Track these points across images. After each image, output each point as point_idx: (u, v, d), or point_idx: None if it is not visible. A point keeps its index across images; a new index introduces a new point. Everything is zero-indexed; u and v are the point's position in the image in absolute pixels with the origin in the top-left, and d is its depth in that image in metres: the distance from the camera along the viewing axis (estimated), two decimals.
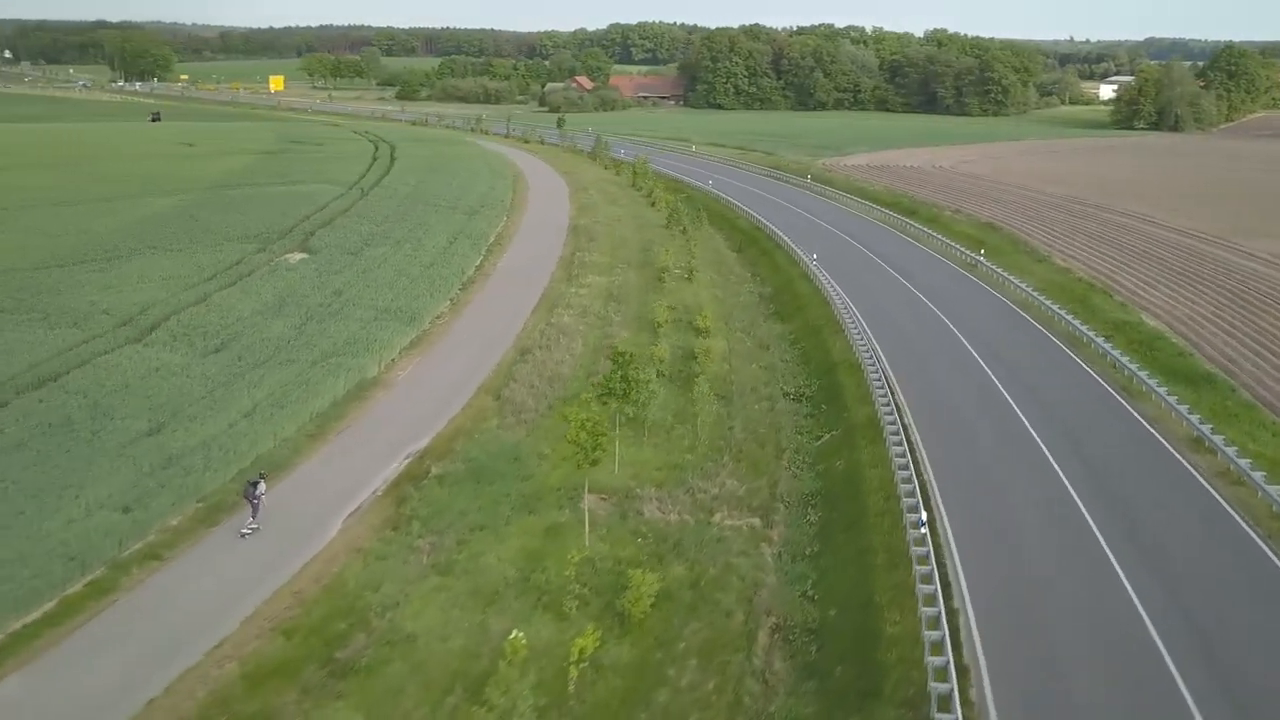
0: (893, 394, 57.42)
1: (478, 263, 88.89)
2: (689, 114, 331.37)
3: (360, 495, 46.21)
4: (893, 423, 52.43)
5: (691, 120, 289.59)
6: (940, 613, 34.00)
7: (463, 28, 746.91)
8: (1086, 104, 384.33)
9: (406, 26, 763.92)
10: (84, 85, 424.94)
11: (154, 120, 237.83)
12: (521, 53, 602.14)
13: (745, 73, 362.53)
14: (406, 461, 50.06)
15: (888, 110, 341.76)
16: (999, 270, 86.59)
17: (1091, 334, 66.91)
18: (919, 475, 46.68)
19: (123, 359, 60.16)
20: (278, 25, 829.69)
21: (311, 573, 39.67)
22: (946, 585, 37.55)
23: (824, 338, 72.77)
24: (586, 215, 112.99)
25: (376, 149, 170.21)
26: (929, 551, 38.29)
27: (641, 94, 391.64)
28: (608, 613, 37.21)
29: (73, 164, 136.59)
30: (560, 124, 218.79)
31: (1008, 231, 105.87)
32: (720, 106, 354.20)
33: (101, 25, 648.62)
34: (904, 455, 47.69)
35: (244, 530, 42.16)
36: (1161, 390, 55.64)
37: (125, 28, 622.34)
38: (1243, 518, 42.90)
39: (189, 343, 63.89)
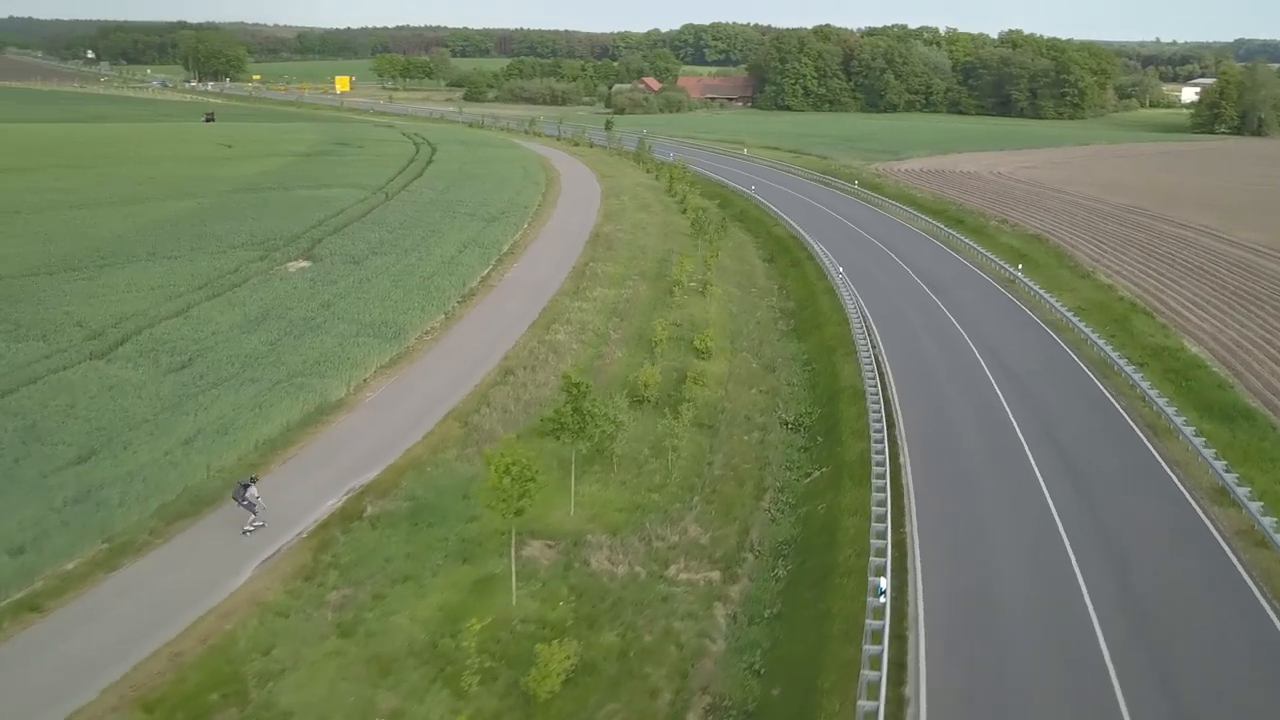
0: (890, 428, 52.42)
1: (484, 273, 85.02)
2: (755, 116, 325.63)
3: (282, 538, 42.27)
4: (880, 463, 47.38)
5: (755, 122, 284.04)
6: (879, 709, 29.04)
7: (536, 29, 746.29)
8: (1167, 107, 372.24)
9: (481, 27, 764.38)
10: (158, 85, 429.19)
11: (207, 120, 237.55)
12: (595, 54, 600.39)
13: (814, 74, 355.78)
14: (346, 498, 45.95)
15: (960, 113, 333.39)
16: (1036, 287, 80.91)
17: (1123, 362, 61.06)
18: (899, 529, 41.65)
19: (78, 376, 57.02)
20: (355, 26, 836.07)
21: (200, 630, 35.79)
22: (901, 667, 32.57)
23: (835, 359, 67.83)
24: (612, 222, 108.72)
25: (417, 151, 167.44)
26: (884, 627, 33.24)
27: (709, 95, 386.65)
28: (514, 691, 32.75)
29: (103, 165, 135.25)
30: (608, 126, 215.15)
31: (1054, 244, 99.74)
32: (789, 108, 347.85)
33: (183, 26, 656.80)
34: (883, 505, 42.61)
35: (247, 528, 42.10)
36: (1189, 430, 49.92)
37: (205, 28, 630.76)
38: (1259, 588, 37.29)
39: (154, 359, 60.65)
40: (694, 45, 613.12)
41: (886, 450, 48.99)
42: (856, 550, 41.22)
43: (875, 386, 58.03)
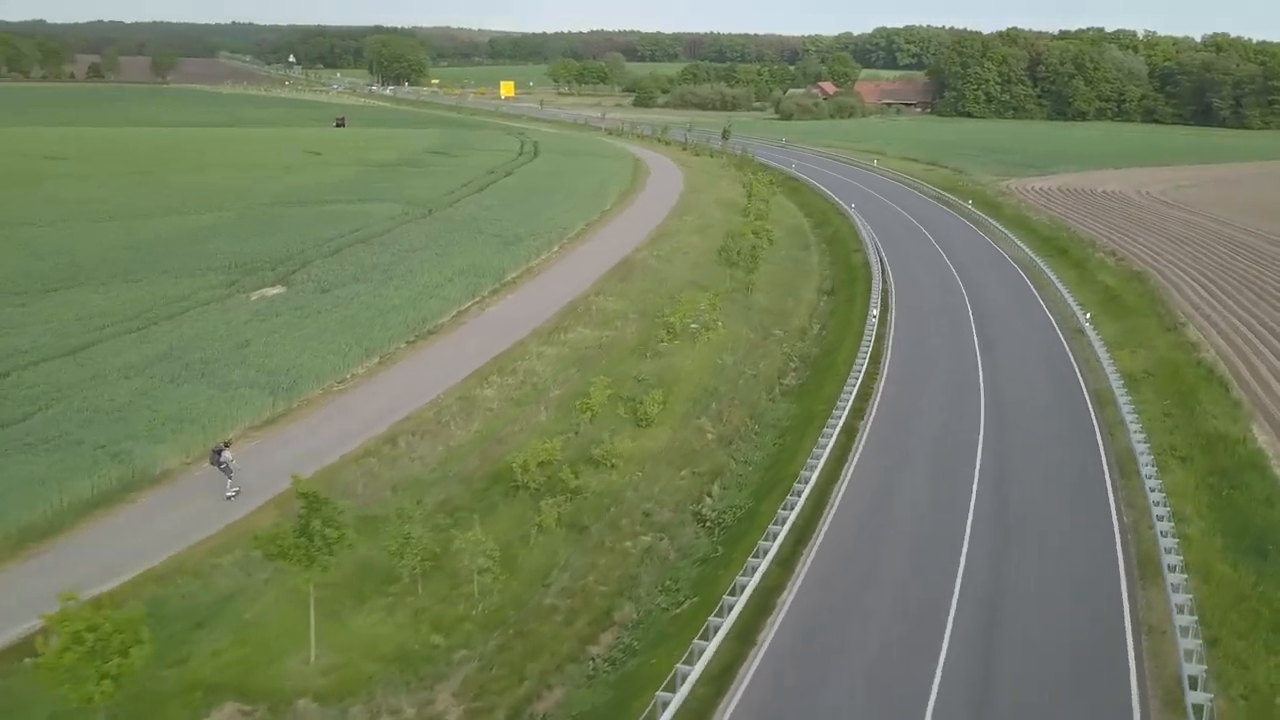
0: (813, 526, 39.80)
1: (464, 307, 75.49)
2: (928, 122, 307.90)
3: None
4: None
5: (923, 129, 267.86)
6: None
7: (726, 32, 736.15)
8: None
9: (673, 32, 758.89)
10: (337, 88, 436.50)
11: (338, 125, 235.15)
12: (783, 57, 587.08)
13: (998, 79, 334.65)
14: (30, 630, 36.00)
15: (1155, 121, 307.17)
16: (1099, 344, 66.55)
17: (1149, 458, 46.70)
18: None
19: None
20: (550, 31, 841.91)
21: None
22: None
23: (807, 433, 54.84)
24: (655, 246, 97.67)
25: (517, 156, 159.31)
26: None
27: (885, 100, 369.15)
28: None
29: (159, 173, 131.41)
30: (725, 135, 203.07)
31: (1155, 284, 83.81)
32: (969, 114, 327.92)
33: (378, 30, 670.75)
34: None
35: (228, 494, 45.12)
36: (1178, 580, 35.73)
37: (399, 33, 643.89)
38: None
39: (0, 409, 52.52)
40: (885, 48, 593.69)
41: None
42: None
43: (801, 489, 45.26)
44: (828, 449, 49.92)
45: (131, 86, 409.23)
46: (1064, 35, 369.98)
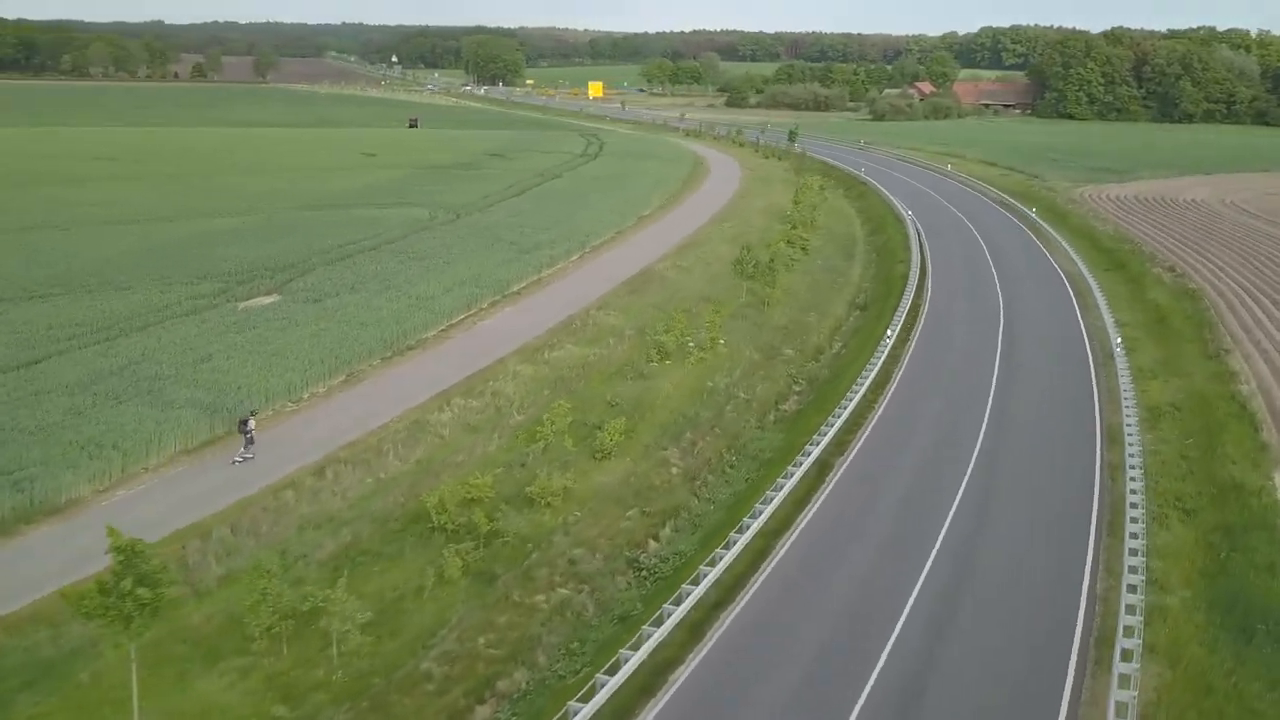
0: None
1: (454, 320, 71.92)
2: (1025, 124, 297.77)
3: None
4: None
5: (1017, 131, 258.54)
6: None
7: (829, 32, 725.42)
8: None
9: (775, 31, 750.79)
10: (432, 89, 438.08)
11: (411, 126, 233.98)
12: (886, 57, 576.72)
13: (1101, 80, 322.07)
14: None
15: (1266, 124, 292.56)
16: (1125, 372, 60.55)
17: (1141, 512, 40.96)
18: None
19: None
20: (652, 31, 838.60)
21: None
22: None
23: (775, 469, 49.97)
24: (681, 256, 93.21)
25: (578, 156, 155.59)
26: None
27: (983, 101, 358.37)
28: None
29: (204, 175, 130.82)
30: (792, 137, 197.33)
31: (1209, 303, 77.34)
32: (1070, 116, 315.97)
33: (480, 30, 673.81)
34: None
35: (236, 459, 48.27)
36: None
37: (500, 33, 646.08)
38: None
39: None
40: (991, 49, 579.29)
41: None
42: None
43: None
44: (784, 491, 44.98)
45: (229, 86, 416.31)
46: (1172, 34, 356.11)
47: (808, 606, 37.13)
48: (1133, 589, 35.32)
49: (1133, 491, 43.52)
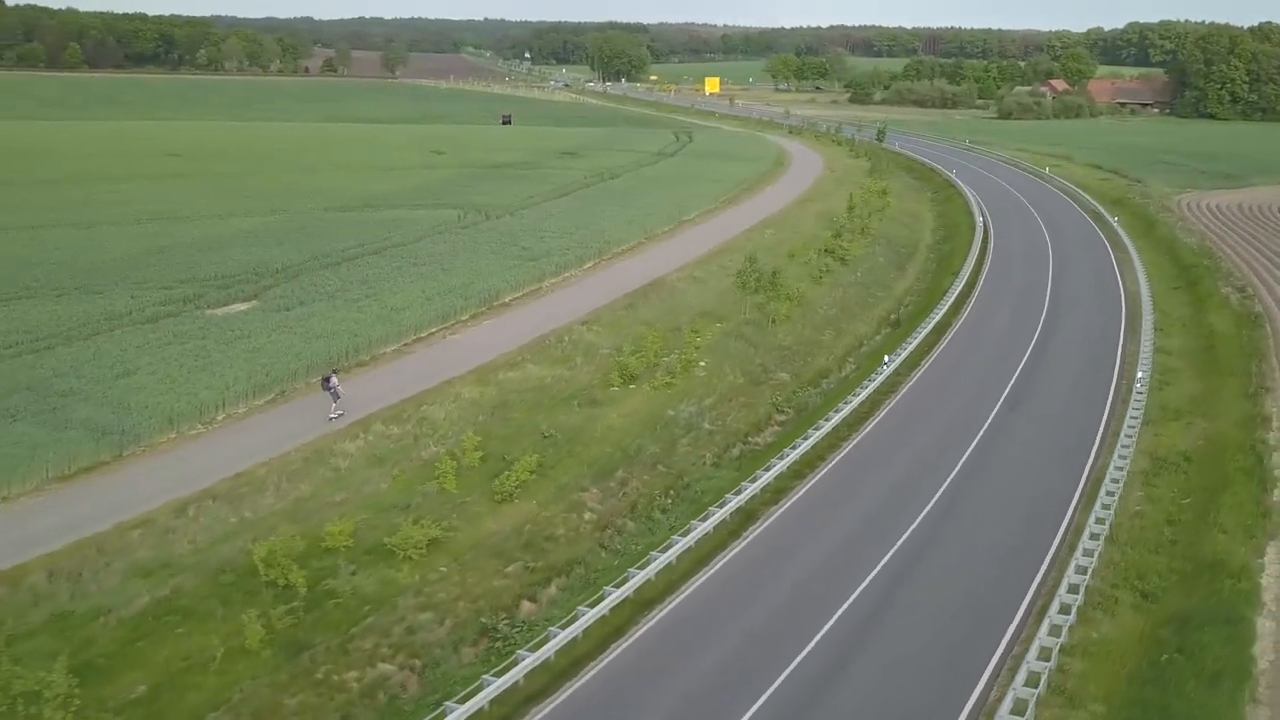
0: None
1: (422, 334, 66.48)
2: (1162, 124, 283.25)
3: None
4: None
5: (1146, 132, 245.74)
6: None
7: (969, 27, 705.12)
8: None
9: (912, 26, 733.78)
10: (555, 85, 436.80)
11: (504, 123, 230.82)
12: (1027, 53, 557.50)
13: (1246, 78, 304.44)
14: None
15: None
16: (1137, 414, 52.87)
17: (1078, 597, 34.02)
18: None
19: None
20: (788, 26, 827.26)
21: None
22: None
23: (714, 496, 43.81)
24: (703, 265, 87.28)
25: (631, 164, 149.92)
26: None
27: (1119, 100, 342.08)
28: None
29: (257, 173, 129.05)
30: (880, 136, 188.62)
31: (1264, 334, 67.89)
32: (1212, 116, 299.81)
33: (611, 27, 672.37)
34: None
35: (331, 416, 52.26)
36: None
37: (631, 29, 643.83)
38: None
39: None
40: (1138, 44, 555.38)
41: None
42: None
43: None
44: (682, 544, 38.91)
45: (353, 81, 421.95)
46: None
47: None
48: (1018, 711, 28.25)
49: (1080, 570, 36.09)
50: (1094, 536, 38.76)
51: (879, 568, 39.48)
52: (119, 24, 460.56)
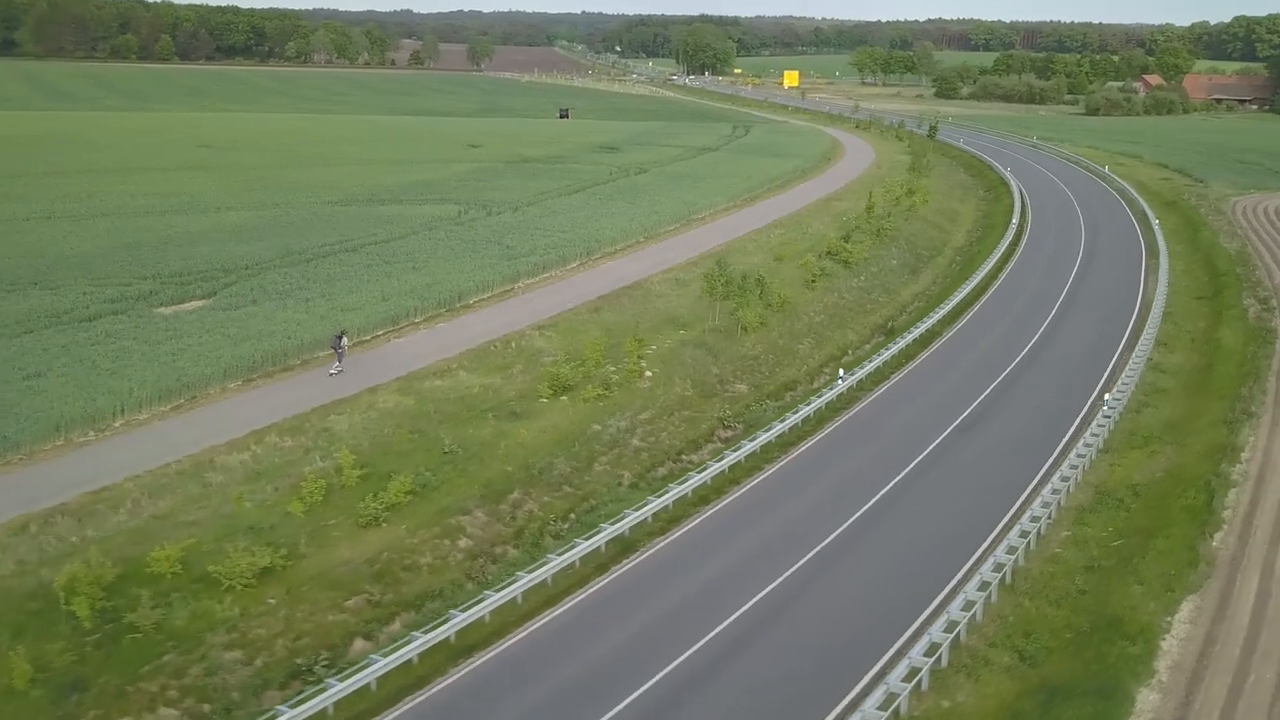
0: None
1: (364, 338, 63.30)
2: (1258, 122, 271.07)
3: None
4: None
5: (1233, 131, 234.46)
6: None
7: (1068, 21, 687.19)
8: None
9: (1011, 20, 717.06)
10: (637, 78, 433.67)
11: (561, 116, 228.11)
12: (1129, 48, 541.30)
13: None
14: None
15: None
16: (1112, 438, 48.31)
17: (940, 661, 29.77)
18: None
19: None
20: (885, 19, 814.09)
21: None
22: None
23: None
24: (690, 269, 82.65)
25: (667, 159, 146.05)
26: None
27: (1215, 96, 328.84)
28: None
29: (281, 167, 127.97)
30: (932, 132, 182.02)
31: (1271, 351, 61.80)
32: None
33: (704, 19, 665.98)
34: None
35: (331, 371, 55.37)
36: None
37: (723, 22, 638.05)
38: None
39: None
40: (1244, 39, 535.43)
41: None
42: None
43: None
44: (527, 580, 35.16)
45: (435, 74, 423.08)
46: None
47: None
48: None
49: (949, 627, 31.51)
50: (983, 586, 33.95)
51: (734, 617, 35.20)
52: (212, 17, 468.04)
